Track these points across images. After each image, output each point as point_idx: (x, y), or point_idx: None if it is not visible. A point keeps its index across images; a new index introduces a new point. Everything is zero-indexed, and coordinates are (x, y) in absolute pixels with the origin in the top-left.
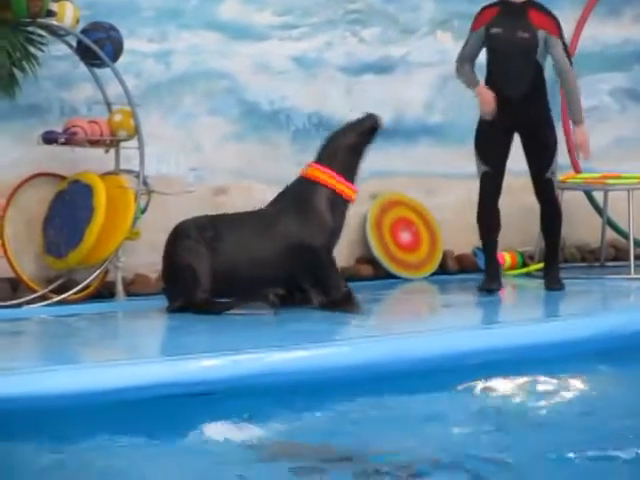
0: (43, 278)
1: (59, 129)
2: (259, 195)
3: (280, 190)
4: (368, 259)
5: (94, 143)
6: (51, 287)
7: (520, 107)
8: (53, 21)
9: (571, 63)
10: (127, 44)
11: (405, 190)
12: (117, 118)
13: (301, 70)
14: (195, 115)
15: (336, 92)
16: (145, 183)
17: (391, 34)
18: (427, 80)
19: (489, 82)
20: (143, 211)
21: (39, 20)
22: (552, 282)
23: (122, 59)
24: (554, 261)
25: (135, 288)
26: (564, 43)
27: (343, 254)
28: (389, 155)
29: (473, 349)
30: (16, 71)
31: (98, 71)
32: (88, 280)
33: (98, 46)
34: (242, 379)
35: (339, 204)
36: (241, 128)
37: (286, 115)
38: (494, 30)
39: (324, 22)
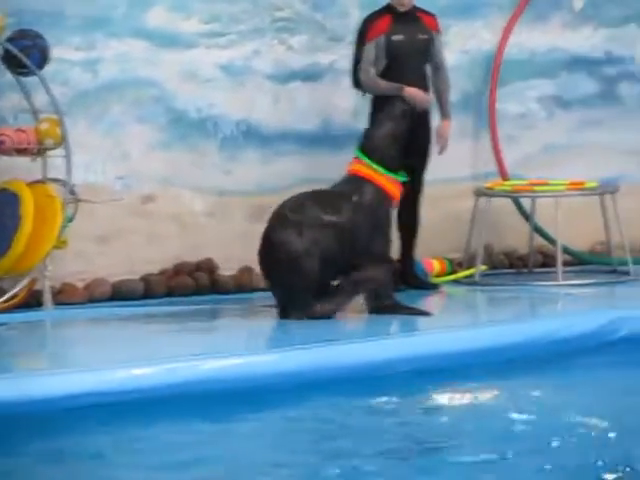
0: None
1: None
2: (187, 202)
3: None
4: None
5: (21, 152)
6: None
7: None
8: None
9: None
10: (54, 52)
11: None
12: (44, 126)
13: (229, 78)
14: (123, 123)
15: (264, 100)
16: (72, 192)
17: (319, 42)
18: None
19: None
20: (70, 220)
21: None
22: None
23: (49, 67)
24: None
25: (63, 297)
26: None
27: None
28: (317, 162)
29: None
30: None
31: (25, 79)
32: (15, 289)
33: (24, 54)
34: (175, 387)
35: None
36: (169, 136)
37: (214, 123)
38: (396, 37)
39: (252, 30)
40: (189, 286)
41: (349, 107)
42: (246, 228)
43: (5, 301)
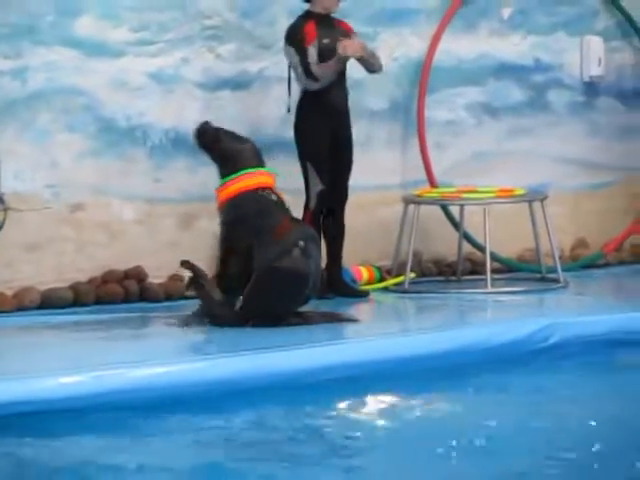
0: None
1: None
2: (117, 211)
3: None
4: None
5: None
6: None
7: (344, 114)
8: None
9: None
10: None
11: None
12: None
13: (158, 86)
14: (51, 132)
15: (193, 108)
16: (1, 200)
17: (247, 50)
18: (284, 95)
19: (316, 94)
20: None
21: None
22: None
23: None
24: None
25: None
26: None
27: (203, 269)
28: None
29: (328, 365)
30: None
31: None
32: None
33: None
34: (103, 395)
35: None
36: (98, 144)
37: (143, 131)
38: (325, 41)
39: (181, 38)
40: (118, 294)
41: (278, 115)
42: (175, 236)
43: None
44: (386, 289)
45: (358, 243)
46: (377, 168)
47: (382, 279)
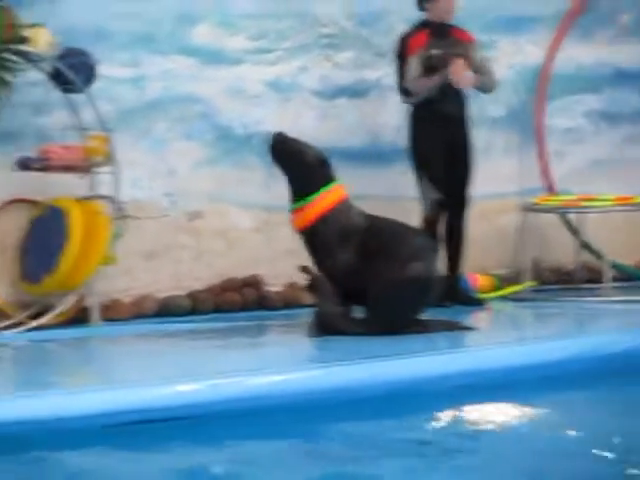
0: (19, 304)
1: (34, 155)
2: (234, 219)
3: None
4: None
5: (69, 169)
6: (27, 313)
7: (459, 123)
8: (27, 47)
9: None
10: (101, 69)
11: (379, 212)
12: (91, 144)
13: (275, 94)
14: (169, 140)
15: (310, 116)
16: (120, 208)
17: (365, 58)
18: (400, 103)
19: (430, 102)
20: (118, 236)
21: (13, 46)
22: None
23: (96, 84)
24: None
25: (111, 313)
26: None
27: None
28: (363, 178)
29: (446, 373)
30: None
31: (72, 97)
32: (64, 306)
33: (72, 72)
34: (219, 403)
35: None
36: (215, 152)
37: (260, 139)
38: (435, 51)
39: (298, 46)
40: (236, 302)
41: (395, 123)
42: (292, 244)
43: (54, 317)
44: (504, 297)
45: (477, 251)
46: (495, 176)
47: (500, 287)
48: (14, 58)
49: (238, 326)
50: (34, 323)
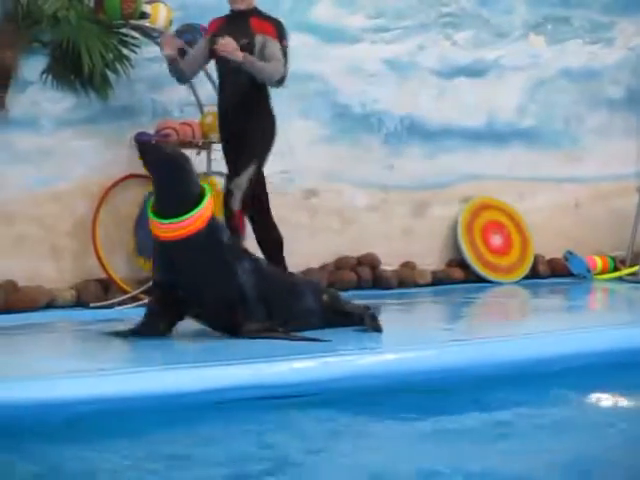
0: (134, 279)
1: (151, 131)
2: (349, 198)
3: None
4: (459, 263)
5: (186, 145)
6: (142, 288)
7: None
8: (146, 23)
9: (285, 63)
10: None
11: (496, 194)
12: (209, 120)
13: (393, 73)
14: (287, 117)
15: (428, 95)
16: None
17: (484, 37)
18: (519, 84)
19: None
20: None
21: (132, 22)
22: None
23: (214, 60)
24: None
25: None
26: (283, 46)
27: (434, 257)
28: (480, 158)
29: (563, 353)
30: (109, 73)
31: None
32: None
33: (191, 47)
34: (332, 381)
35: None
36: (332, 131)
37: (378, 118)
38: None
39: (417, 25)
40: (351, 281)
41: (513, 103)
42: (408, 223)
43: None
44: (620, 279)
45: (593, 233)
46: (613, 157)
47: (616, 269)
48: (133, 33)
49: None
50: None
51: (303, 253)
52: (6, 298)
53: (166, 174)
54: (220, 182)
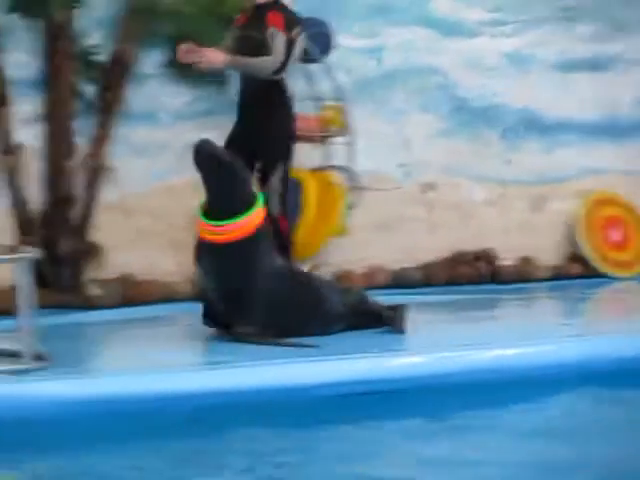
0: None
1: None
2: (468, 191)
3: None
4: (577, 257)
5: (304, 139)
6: None
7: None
8: None
9: (288, 57)
10: (338, 40)
11: (616, 188)
12: (328, 114)
13: (512, 67)
14: (405, 111)
15: (548, 89)
16: (354, 179)
17: (604, 31)
18: None
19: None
20: (352, 207)
21: None
22: None
23: (333, 55)
24: None
25: (343, 284)
26: (289, 39)
27: (552, 252)
28: (598, 152)
29: None
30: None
31: (309, 67)
32: None
33: (310, 42)
34: (447, 376)
35: None
36: (451, 124)
37: (496, 112)
38: (238, 33)
39: (536, 18)
40: (469, 275)
41: (635, 97)
42: (526, 218)
43: None
44: None
45: None
46: None
47: None
48: None
49: (470, 299)
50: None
51: (420, 247)
52: (125, 292)
53: (216, 176)
54: (339, 176)
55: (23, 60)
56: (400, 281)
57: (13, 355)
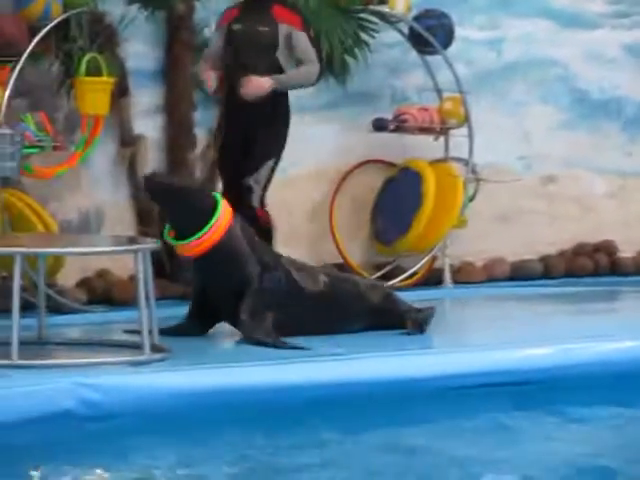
0: (370, 264)
1: (389, 116)
2: (588, 184)
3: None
4: None
5: (424, 130)
6: (379, 273)
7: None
8: (385, 8)
9: (320, 58)
10: (458, 32)
11: None
12: (447, 106)
13: (633, 59)
14: (525, 103)
15: None
16: (474, 171)
17: None
18: None
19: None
20: (471, 199)
21: (371, 7)
22: None
23: (453, 47)
24: None
25: (461, 276)
26: (310, 37)
27: None
28: None
29: None
30: (348, 58)
31: (429, 58)
32: (416, 267)
33: (430, 33)
34: (571, 368)
35: None
36: (571, 117)
37: (617, 104)
38: (236, 26)
39: None
40: (588, 267)
41: None
42: None
43: (405, 279)
44: None
45: None
46: None
47: None
48: (372, 18)
49: (589, 291)
50: (385, 284)
51: (539, 240)
52: None
53: (170, 203)
54: (459, 168)
55: (143, 51)
56: (519, 273)
57: (133, 347)
